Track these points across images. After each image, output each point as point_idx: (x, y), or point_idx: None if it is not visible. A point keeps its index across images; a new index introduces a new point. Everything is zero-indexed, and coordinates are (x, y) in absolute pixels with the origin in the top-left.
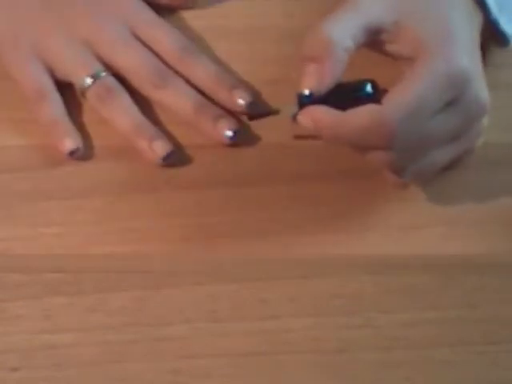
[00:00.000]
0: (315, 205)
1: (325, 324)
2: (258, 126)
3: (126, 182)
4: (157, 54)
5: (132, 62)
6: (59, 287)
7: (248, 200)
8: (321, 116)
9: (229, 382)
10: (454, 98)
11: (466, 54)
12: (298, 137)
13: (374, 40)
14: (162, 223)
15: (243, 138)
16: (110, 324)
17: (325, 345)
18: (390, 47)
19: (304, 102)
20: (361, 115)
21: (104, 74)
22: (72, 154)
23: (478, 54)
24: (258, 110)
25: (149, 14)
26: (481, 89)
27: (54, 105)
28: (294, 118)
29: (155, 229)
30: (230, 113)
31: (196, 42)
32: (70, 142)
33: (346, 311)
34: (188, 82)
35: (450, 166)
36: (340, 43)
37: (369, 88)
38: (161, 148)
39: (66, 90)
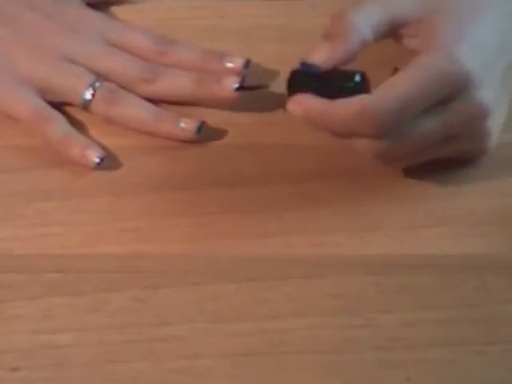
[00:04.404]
0: (315, 205)
1: (325, 324)
2: (257, 126)
3: (126, 182)
4: (138, 56)
5: (118, 65)
6: (59, 287)
7: (248, 200)
8: (310, 104)
9: (229, 382)
10: (451, 95)
11: (474, 54)
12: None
13: (395, 33)
14: (161, 223)
15: (242, 138)
16: (110, 324)
17: (325, 345)
18: (409, 41)
19: (300, 71)
20: (350, 104)
21: (98, 82)
22: (99, 163)
23: (500, 58)
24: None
25: (116, 22)
26: (485, 91)
27: (59, 121)
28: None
29: (155, 229)
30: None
31: (195, 42)
32: (95, 153)
33: (346, 311)
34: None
35: (452, 165)
36: (359, 30)
37: (357, 78)
38: (190, 124)
39: None
